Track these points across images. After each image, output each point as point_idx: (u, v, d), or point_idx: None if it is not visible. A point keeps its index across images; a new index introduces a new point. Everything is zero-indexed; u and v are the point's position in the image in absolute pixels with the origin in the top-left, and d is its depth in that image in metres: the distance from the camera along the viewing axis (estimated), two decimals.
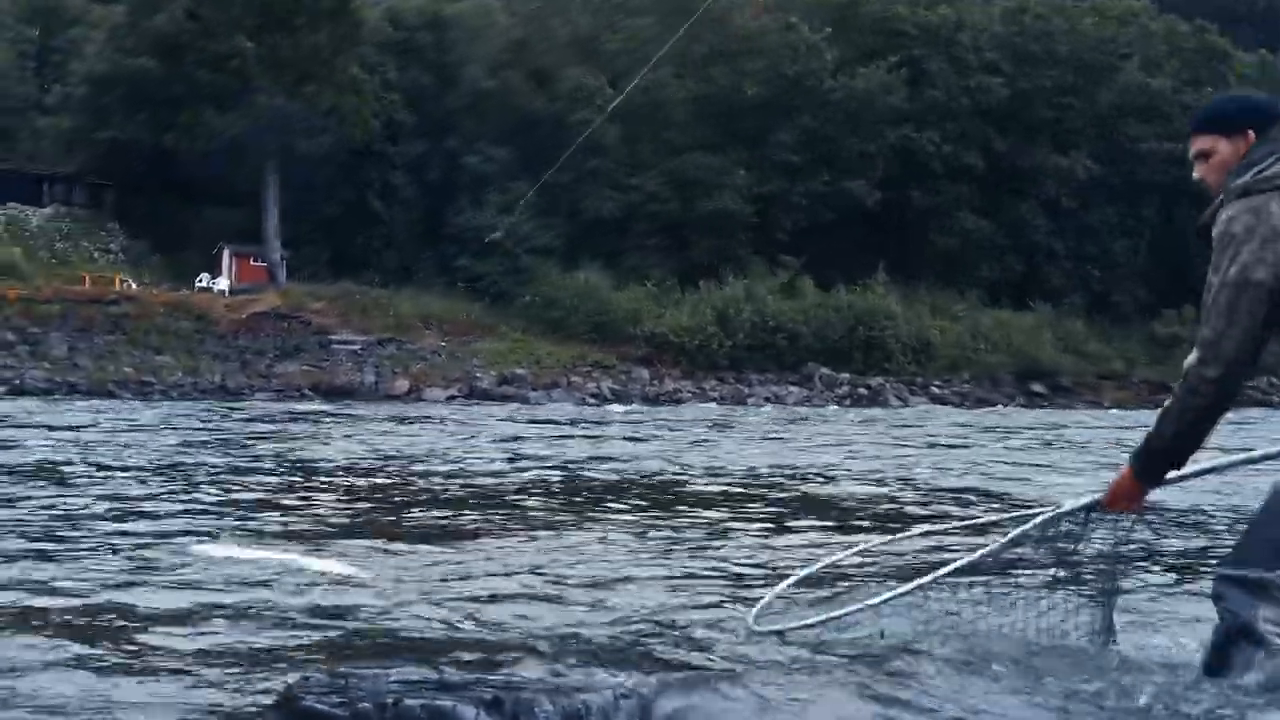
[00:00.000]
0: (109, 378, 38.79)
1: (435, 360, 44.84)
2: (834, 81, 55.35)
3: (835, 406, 41.96)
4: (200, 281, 48.63)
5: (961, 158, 57.01)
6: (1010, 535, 4.01)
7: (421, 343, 46.03)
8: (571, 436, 19.77)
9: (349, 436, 18.67)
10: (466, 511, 8.91)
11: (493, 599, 5.25)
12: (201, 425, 21.32)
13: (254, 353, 43.44)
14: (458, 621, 4.80)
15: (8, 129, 58.82)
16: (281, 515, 8.52)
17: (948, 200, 57.18)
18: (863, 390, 46.56)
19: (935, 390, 48.05)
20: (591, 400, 41.32)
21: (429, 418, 26.33)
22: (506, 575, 5.89)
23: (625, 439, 19.39)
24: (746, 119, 54.42)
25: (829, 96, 55.22)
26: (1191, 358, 3.38)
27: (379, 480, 11.45)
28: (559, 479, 11.84)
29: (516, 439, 18.75)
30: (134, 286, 46.10)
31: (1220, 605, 3.43)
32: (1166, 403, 3.47)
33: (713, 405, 40.37)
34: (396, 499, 9.80)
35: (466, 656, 4.18)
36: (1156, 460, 3.53)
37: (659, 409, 36.79)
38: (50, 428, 18.93)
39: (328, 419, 24.83)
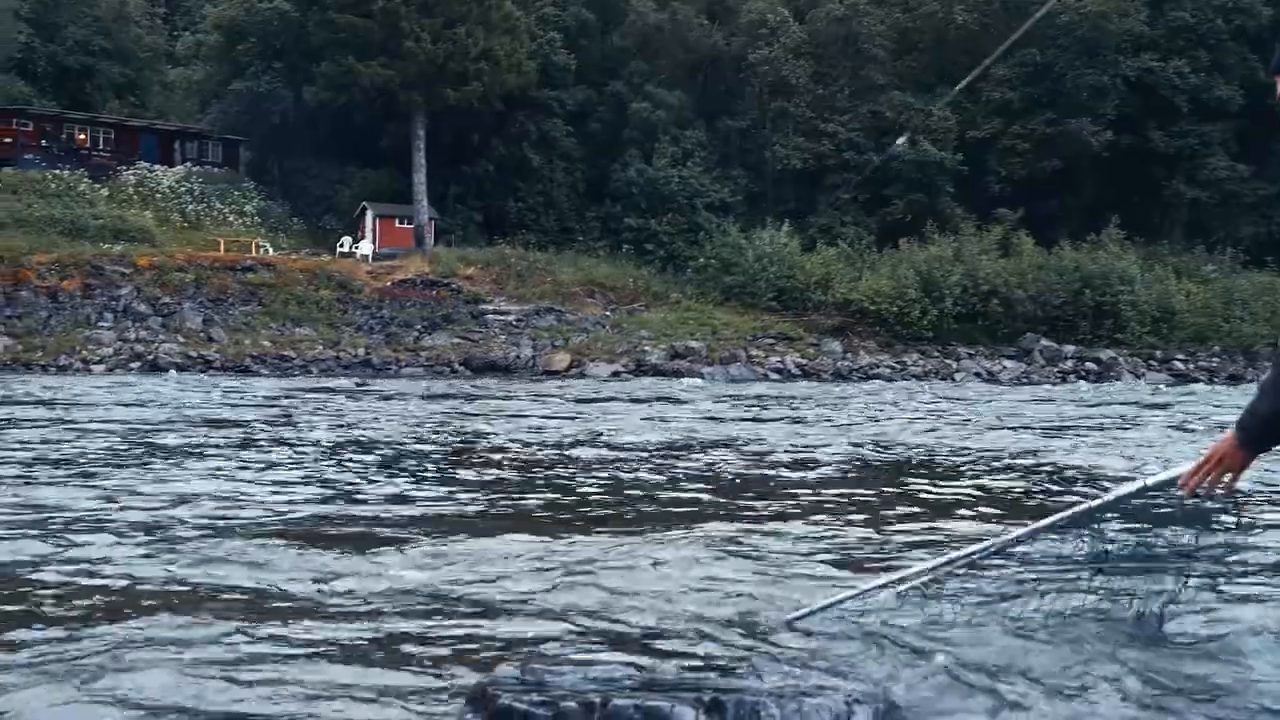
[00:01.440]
0: (246, 351, 40.21)
1: (599, 332, 45.20)
2: (1060, 3, 53.77)
3: (1057, 384, 40.85)
4: (342, 246, 49.96)
5: (1215, 91, 54.77)
6: (1089, 505, 4.21)
7: (583, 313, 46.46)
8: (768, 417, 19.64)
9: (519, 416, 18.94)
10: (652, 498, 8.93)
11: (687, 592, 5.22)
12: (346, 403, 21.93)
13: (400, 324, 44.46)
14: (650, 617, 4.77)
15: (136, 82, 61.66)
16: (452, 501, 8.67)
17: (1196, 143, 55.04)
18: (1091, 364, 45.19)
19: (1178, 364, 46.35)
20: (775, 376, 41.14)
21: (597, 396, 26.56)
22: (699, 566, 5.86)
23: (826, 419, 19.18)
24: (956, 51, 53.32)
25: (1054, 21, 53.68)
26: None
27: (564, 462, 11.57)
28: (740, 465, 11.78)
29: (703, 419, 18.73)
30: (271, 252, 47.64)
31: None
32: (1267, 373, 3.54)
33: (913, 382, 39.73)
34: (579, 483, 9.88)
35: (667, 654, 4.14)
36: (1261, 428, 3.56)
37: (850, 385, 36.37)
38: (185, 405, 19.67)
39: (498, 397, 25.26)
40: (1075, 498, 7.70)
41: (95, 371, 36.37)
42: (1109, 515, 4.23)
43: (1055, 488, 9.72)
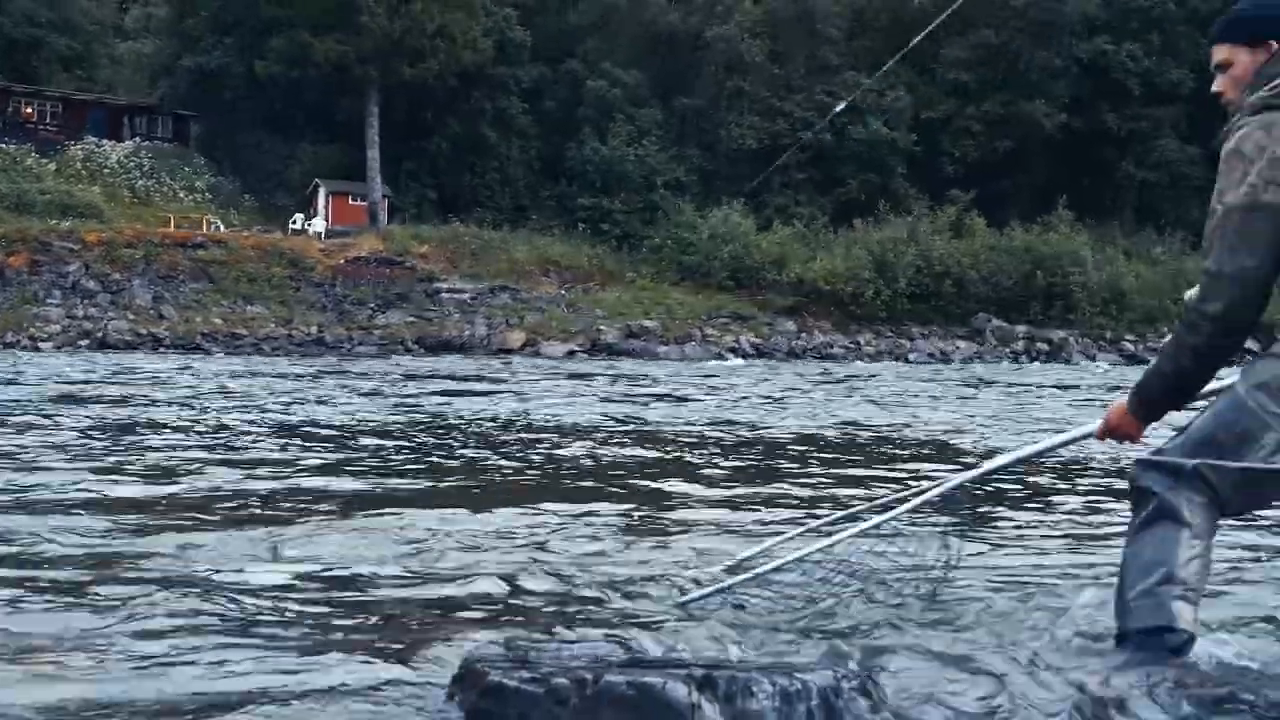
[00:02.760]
0: (197, 329, 39.87)
1: (554, 311, 45.12)
2: None
3: (1009, 363, 41.17)
4: (294, 223, 49.57)
5: (1166, 75, 55.25)
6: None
7: (538, 291, 46.36)
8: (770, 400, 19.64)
9: (492, 396, 18.84)
10: (590, 470, 8.88)
11: (660, 567, 5.17)
12: (302, 383, 21.75)
13: (353, 302, 44.19)
14: (612, 594, 4.73)
15: (84, 55, 60.73)
16: (421, 478, 8.59)
17: (1147, 125, 55.52)
18: (1042, 345, 45.66)
19: (1128, 345, 46.85)
20: (729, 355, 41.23)
21: (537, 373, 26.47)
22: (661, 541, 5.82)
23: (806, 400, 19.20)
24: (913, 32, 53.49)
25: (1009, 2, 53.92)
26: (1192, 292, 3.46)
27: (531, 441, 11.51)
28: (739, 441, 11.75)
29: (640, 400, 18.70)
30: (222, 229, 47.18)
31: (1140, 487, 3.53)
32: (1167, 338, 3.58)
33: (866, 362, 39.91)
34: (546, 460, 9.82)
35: (648, 630, 4.09)
36: (1155, 398, 3.57)
37: (808, 364, 36.48)
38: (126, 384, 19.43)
39: (468, 379, 25.12)
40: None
41: (43, 349, 35.92)
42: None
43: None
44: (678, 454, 10.39)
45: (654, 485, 8.18)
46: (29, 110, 53.12)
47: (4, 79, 54.44)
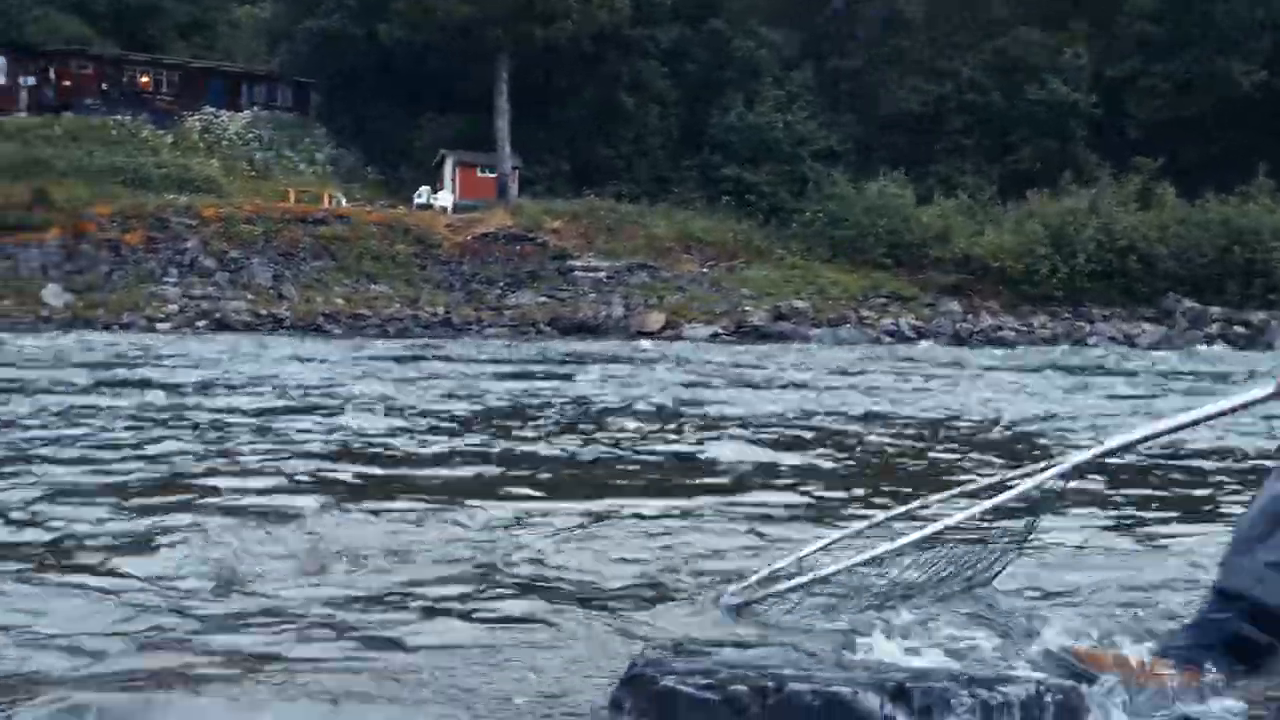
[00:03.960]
0: (318, 310, 40.63)
1: (696, 290, 45.05)
2: None
3: (1204, 347, 40.03)
4: (419, 197, 50.15)
5: None
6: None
7: (679, 269, 46.33)
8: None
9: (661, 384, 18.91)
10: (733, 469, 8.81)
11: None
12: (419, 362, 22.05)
13: (482, 281, 44.63)
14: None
15: (202, 21, 62.26)
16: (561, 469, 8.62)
17: None
18: (1239, 328, 44.30)
19: None
20: (888, 339, 40.80)
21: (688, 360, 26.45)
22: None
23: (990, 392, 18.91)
24: None
25: None
26: None
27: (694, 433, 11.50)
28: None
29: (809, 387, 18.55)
30: (344, 203, 47.98)
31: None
32: None
33: (1041, 346, 39.12)
34: (697, 456, 9.79)
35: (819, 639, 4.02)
36: None
37: (976, 351, 35.93)
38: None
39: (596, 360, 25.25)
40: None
41: (160, 330, 36.92)
42: None
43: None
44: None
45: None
46: (145, 80, 54.64)
47: (118, 47, 56.04)
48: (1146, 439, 4.47)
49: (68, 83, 52.77)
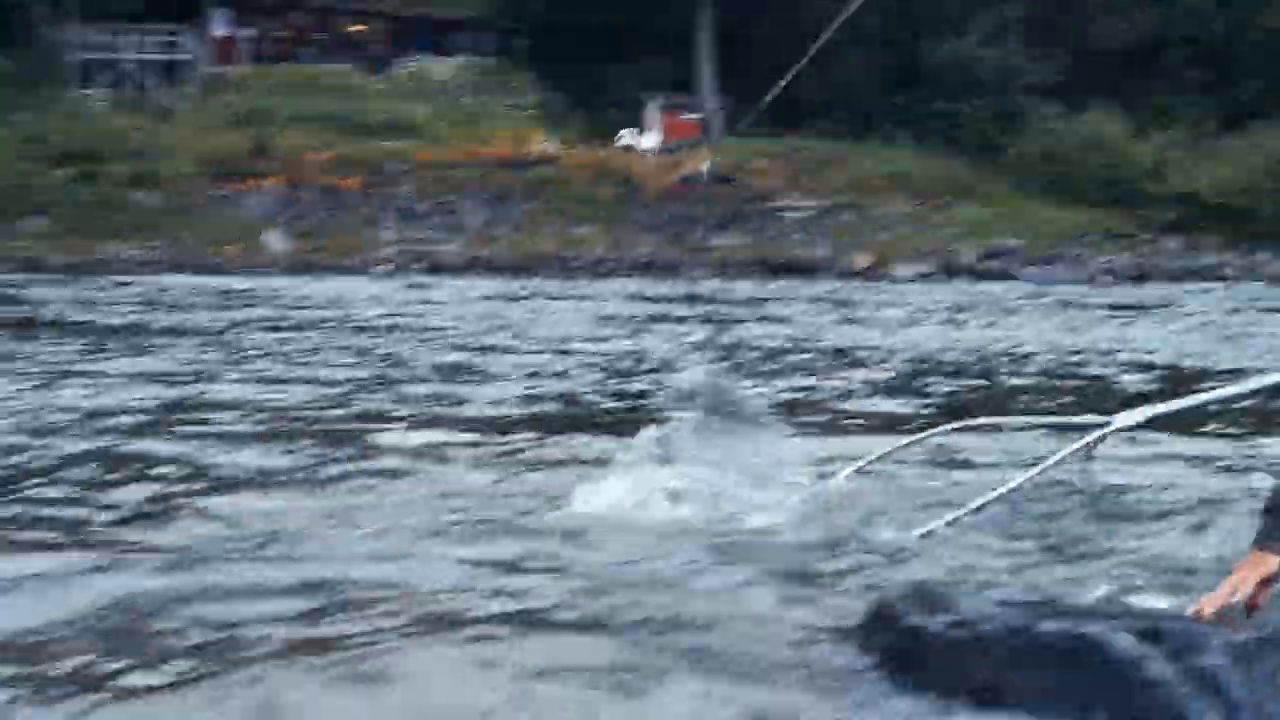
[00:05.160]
0: (527, 251, 41.19)
1: (903, 230, 44.45)
2: None
3: None
4: (621, 139, 50.28)
5: None
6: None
7: (886, 208, 45.72)
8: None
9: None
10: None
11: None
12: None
13: (686, 222, 44.68)
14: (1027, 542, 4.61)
15: None
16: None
17: None
18: None
19: None
20: (1104, 278, 39.70)
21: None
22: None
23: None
24: None
25: None
26: None
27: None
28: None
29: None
30: (551, 148, 48.37)
31: None
32: None
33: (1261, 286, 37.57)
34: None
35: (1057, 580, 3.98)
36: None
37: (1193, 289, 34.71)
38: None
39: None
40: None
41: (376, 273, 37.91)
42: None
43: None
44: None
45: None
46: (357, 29, 55.77)
47: None
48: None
49: (285, 33, 54.12)
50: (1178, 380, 10.59)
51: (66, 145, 41.53)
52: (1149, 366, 12.07)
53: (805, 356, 12.65)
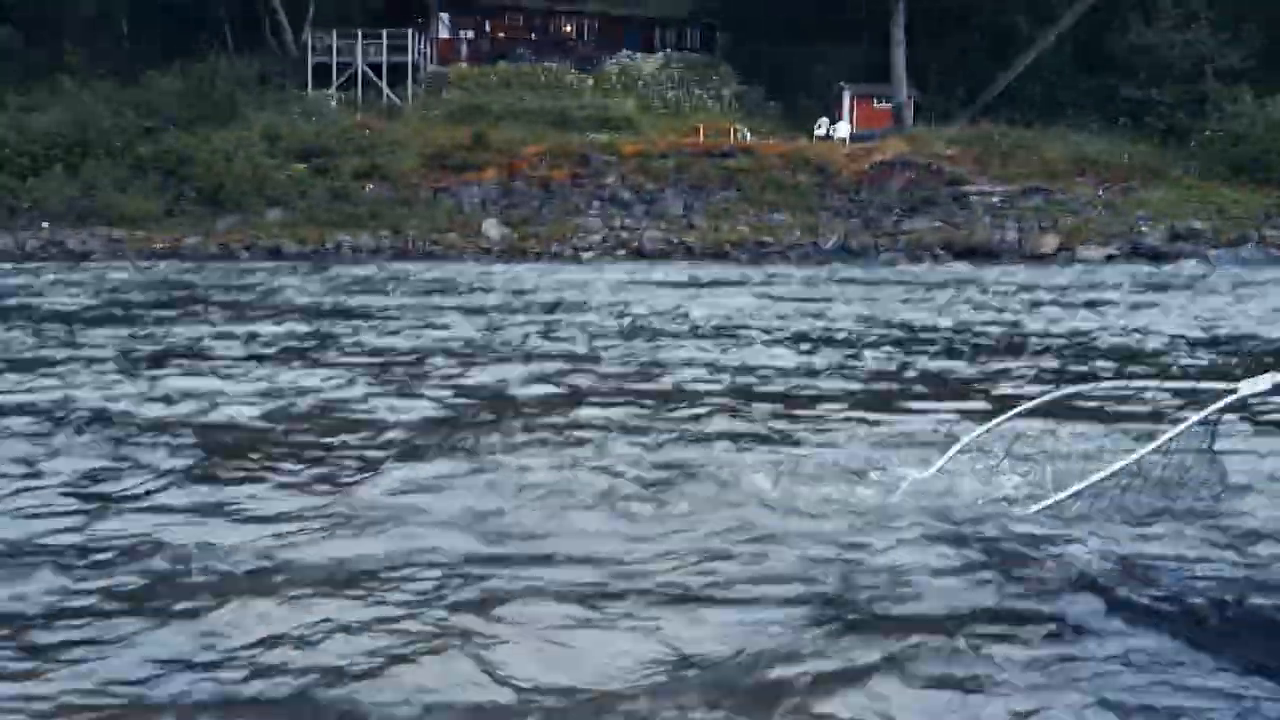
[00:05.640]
0: (724, 238, 41.23)
1: (1090, 213, 43.29)
2: None
3: None
4: (818, 129, 49.97)
5: None
6: None
7: (1073, 192, 44.56)
8: None
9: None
10: None
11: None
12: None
13: (878, 208, 44.17)
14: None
15: None
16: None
17: None
18: None
19: None
20: None
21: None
22: None
23: None
24: None
25: None
26: None
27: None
28: None
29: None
30: (749, 137, 48.33)
31: None
32: None
33: None
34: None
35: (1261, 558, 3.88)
36: None
37: None
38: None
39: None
40: None
41: (584, 259, 38.37)
42: None
43: None
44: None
45: None
46: (568, 29, 56.42)
47: (546, 0, 58.06)
48: None
49: (501, 34, 55.04)
50: None
51: (304, 141, 42.93)
52: None
53: (968, 336, 12.47)
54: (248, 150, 41.62)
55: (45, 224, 38.76)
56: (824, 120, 50.41)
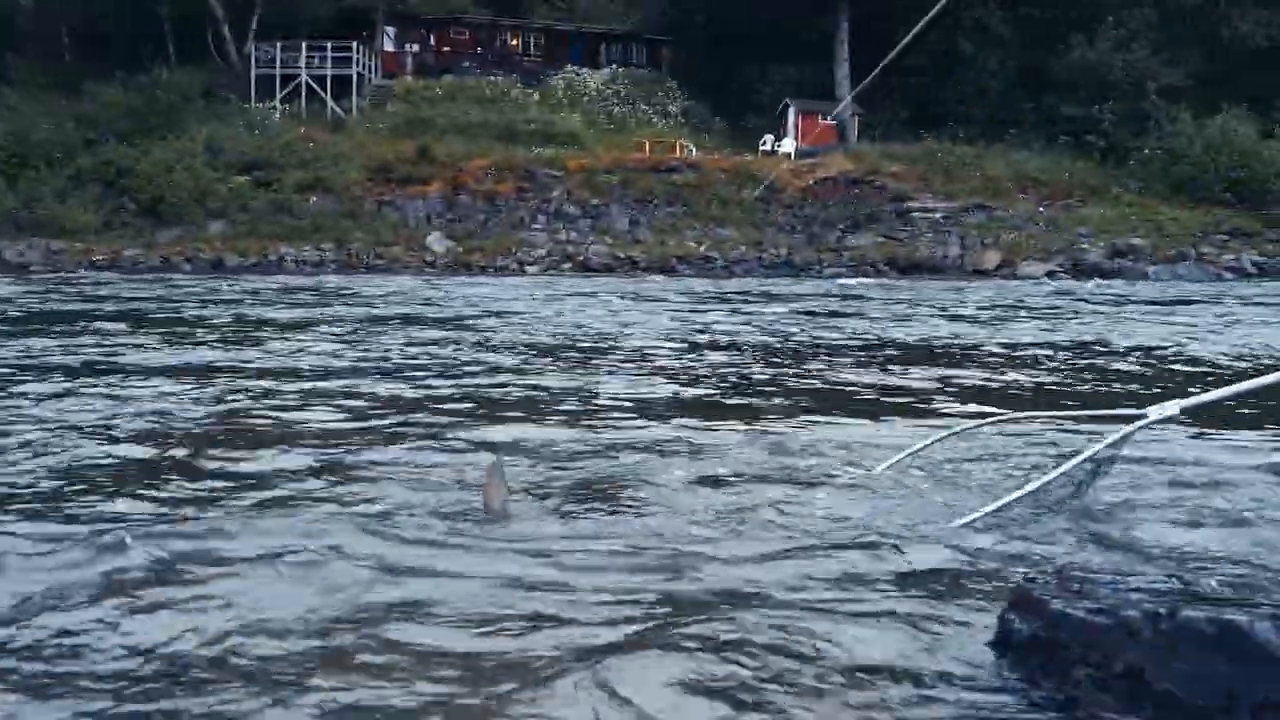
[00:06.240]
0: (671, 253, 41.23)
1: (1032, 229, 43.67)
2: None
3: None
4: (764, 145, 50.11)
5: None
6: None
7: (1015, 209, 44.94)
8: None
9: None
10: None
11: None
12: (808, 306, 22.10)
13: (822, 223, 44.36)
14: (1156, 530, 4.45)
15: None
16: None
17: None
18: None
19: None
20: (1229, 275, 38.59)
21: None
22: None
23: None
24: None
25: None
26: None
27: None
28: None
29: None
30: (694, 153, 48.40)
31: None
32: None
33: None
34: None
35: (1193, 571, 3.83)
36: None
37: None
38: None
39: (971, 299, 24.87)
40: None
41: (529, 273, 38.25)
42: None
43: None
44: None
45: None
46: (515, 42, 56.32)
47: (491, 13, 57.95)
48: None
49: (446, 48, 54.86)
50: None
51: (246, 154, 42.53)
52: (1247, 357, 11.69)
53: (898, 350, 12.47)
54: (189, 162, 41.18)
55: None
56: (769, 136, 50.58)
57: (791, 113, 51.63)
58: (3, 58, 47.41)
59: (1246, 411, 7.25)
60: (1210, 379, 9.78)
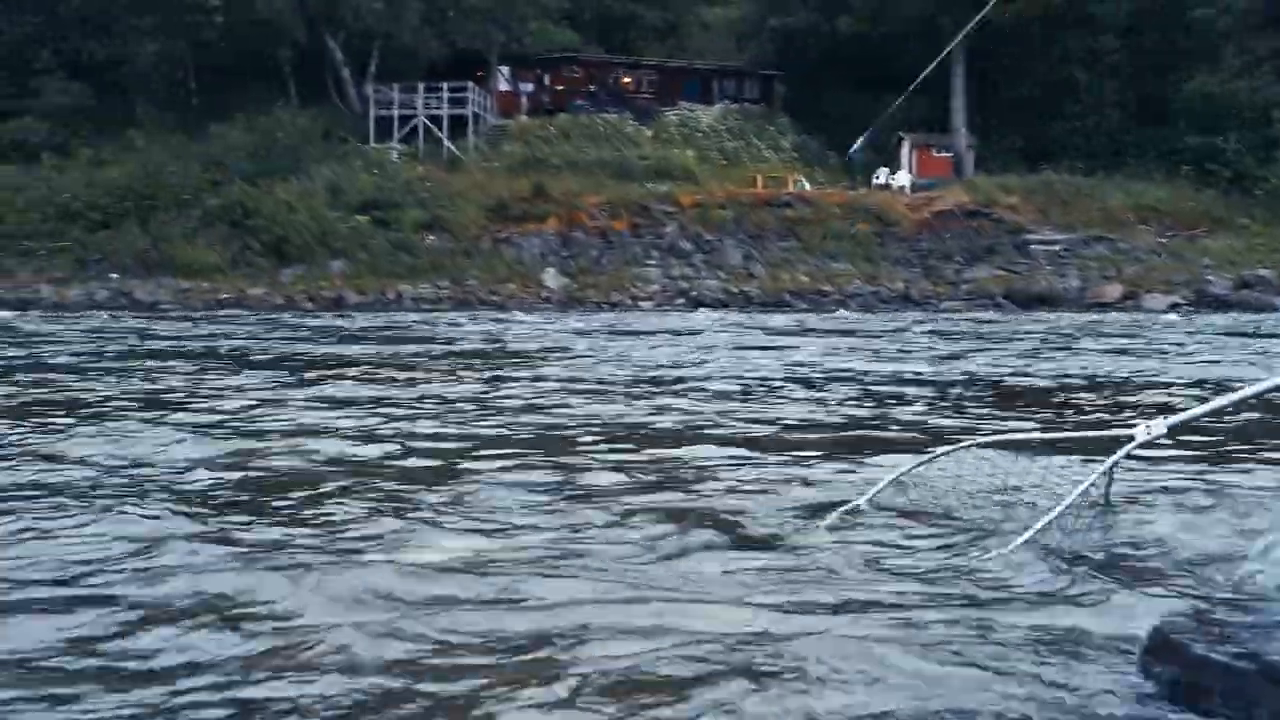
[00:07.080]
0: (784, 287, 41.14)
1: (1154, 261, 42.89)
2: None
3: None
4: (878, 178, 49.84)
5: None
6: None
7: (1136, 241, 44.17)
8: None
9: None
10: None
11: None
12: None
13: (939, 256, 43.96)
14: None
15: (676, 24, 64.09)
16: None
17: None
18: None
19: None
20: None
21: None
22: None
23: None
24: None
25: None
26: None
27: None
28: None
29: None
30: (808, 187, 48.28)
31: None
32: None
33: None
34: None
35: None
36: None
37: None
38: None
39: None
40: None
41: (643, 308, 38.39)
42: None
43: None
44: None
45: None
46: (628, 80, 56.67)
47: (604, 52, 58.45)
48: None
49: (560, 87, 55.36)
50: None
51: (366, 194, 43.27)
52: None
53: (988, 386, 12.25)
54: (310, 202, 42.02)
55: (115, 275, 39.29)
56: (884, 170, 50.28)
57: (906, 146, 51.31)
58: (130, 101, 48.78)
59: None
60: None
